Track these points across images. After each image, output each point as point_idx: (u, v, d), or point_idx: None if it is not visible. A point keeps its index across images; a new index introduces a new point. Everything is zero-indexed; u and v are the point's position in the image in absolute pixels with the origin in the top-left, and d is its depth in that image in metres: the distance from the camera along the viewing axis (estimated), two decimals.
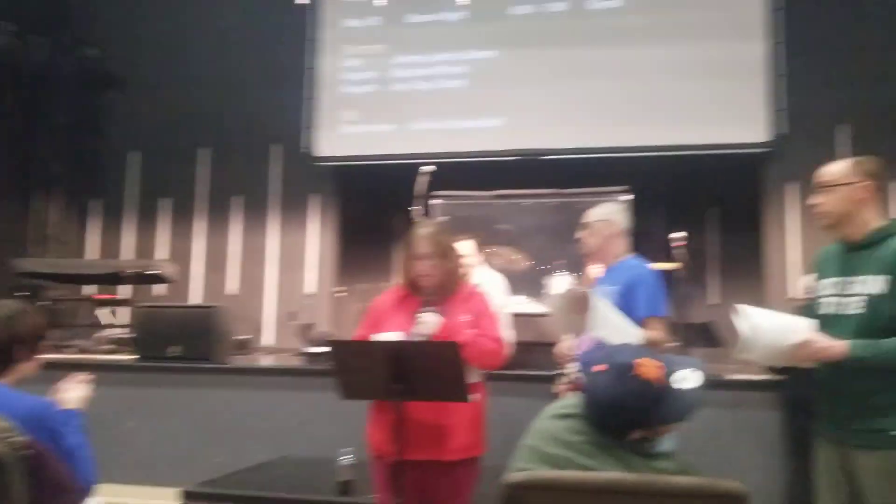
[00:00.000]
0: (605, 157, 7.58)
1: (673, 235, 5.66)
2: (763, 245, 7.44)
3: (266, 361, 6.66)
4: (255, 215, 8.40)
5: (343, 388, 2.90)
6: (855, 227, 2.66)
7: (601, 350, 2.35)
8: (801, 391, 3.86)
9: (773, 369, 4.25)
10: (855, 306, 2.59)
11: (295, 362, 6.15)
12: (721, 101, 7.35)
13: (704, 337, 6.69)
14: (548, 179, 7.03)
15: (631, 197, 6.07)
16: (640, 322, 3.43)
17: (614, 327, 3.17)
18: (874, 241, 2.61)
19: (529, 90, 7.74)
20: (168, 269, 7.26)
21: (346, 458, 3.75)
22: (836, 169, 2.71)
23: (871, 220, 2.65)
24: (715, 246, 8.03)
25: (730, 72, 7.36)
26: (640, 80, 7.53)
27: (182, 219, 8.56)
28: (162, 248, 8.58)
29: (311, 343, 6.13)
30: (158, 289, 8.04)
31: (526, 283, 6.39)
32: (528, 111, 7.73)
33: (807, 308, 2.85)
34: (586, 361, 3.21)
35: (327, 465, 3.94)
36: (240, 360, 6.05)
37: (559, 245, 6.40)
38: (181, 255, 8.36)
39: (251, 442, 5.08)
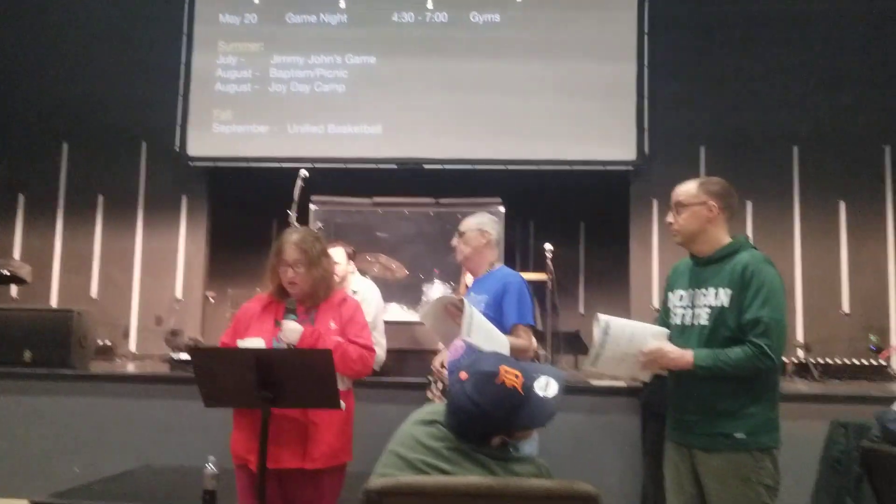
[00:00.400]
0: (481, 169, 7.73)
1: (544, 247, 5.83)
2: (629, 258, 7.76)
3: (130, 368, 6.40)
4: (121, 215, 8.07)
5: (206, 396, 2.83)
6: (704, 244, 2.84)
7: (466, 358, 2.40)
8: (656, 397, 4.06)
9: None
10: (702, 317, 2.76)
11: (161, 369, 5.94)
12: (593, 120, 7.68)
13: (573, 345, 6.93)
14: (424, 188, 7.10)
15: (504, 209, 6.19)
16: (509, 329, 3.52)
17: (484, 334, 3.23)
18: (721, 256, 2.80)
19: (408, 99, 7.81)
20: (24, 270, 6.85)
21: (210, 467, 3.66)
22: (685, 189, 2.88)
23: (720, 237, 2.83)
24: (584, 258, 8.34)
25: (602, 91, 7.69)
26: (517, 95, 7.74)
27: (41, 217, 8.11)
28: (18, 247, 8.10)
29: (178, 349, 5.95)
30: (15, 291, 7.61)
31: (402, 291, 6.42)
32: (406, 120, 7.80)
33: (661, 318, 3.01)
34: (452, 370, 3.28)
35: (191, 475, 3.83)
36: (102, 367, 5.80)
37: (435, 254, 6.46)
38: (40, 255, 7.93)
39: (112, 451, 4.86)
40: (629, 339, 2.73)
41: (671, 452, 2.86)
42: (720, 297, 2.71)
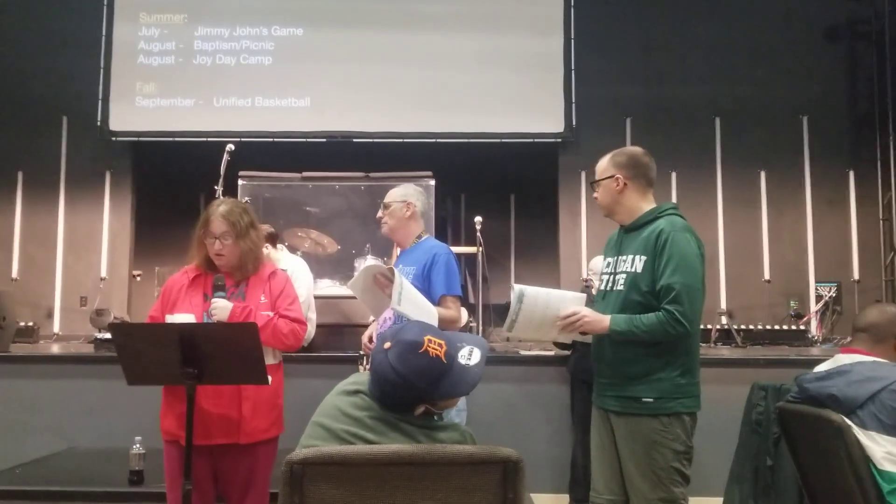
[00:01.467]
0: (411, 142, 7.72)
1: (474, 219, 5.86)
2: (558, 229, 7.87)
3: (54, 349, 6.24)
4: (42, 192, 7.81)
5: (129, 374, 2.77)
6: (622, 214, 2.94)
7: (391, 328, 2.40)
8: (583, 364, 4.15)
9: (558, 345, 4.53)
10: (620, 283, 2.84)
11: (85, 350, 5.81)
12: (522, 92, 7.72)
13: (504, 317, 7.00)
14: (354, 162, 7.06)
15: (434, 182, 6.19)
16: (437, 301, 3.54)
17: (413, 304, 3.24)
18: (640, 224, 2.88)
19: (337, 71, 7.73)
20: None
21: (137, 447, 3.60)
22: (599, 164, 2.99)
23: (638, 206, 2.91)
24: (514, 230, 8.42)
25: (530, 64, 7.74)
26: (447, 68, 7.73)
27: None
28: None
29: (103, 329, 5.82)
30: None
31: (333, 266, 6.39)
32: (334, 93, 7.72)
33: (588, 287, 3.08)
34: (378, 340, 3.28)
35: (118, 456, 3.77)
36: (23, 348, 5.66)
37: (366, 228, 6.43)
38: None
39: (35, 434, 4.78)
40: (544, 305, 2.81)
41: (595, 416, 2.95)
42: (636, 263, 2.79)
